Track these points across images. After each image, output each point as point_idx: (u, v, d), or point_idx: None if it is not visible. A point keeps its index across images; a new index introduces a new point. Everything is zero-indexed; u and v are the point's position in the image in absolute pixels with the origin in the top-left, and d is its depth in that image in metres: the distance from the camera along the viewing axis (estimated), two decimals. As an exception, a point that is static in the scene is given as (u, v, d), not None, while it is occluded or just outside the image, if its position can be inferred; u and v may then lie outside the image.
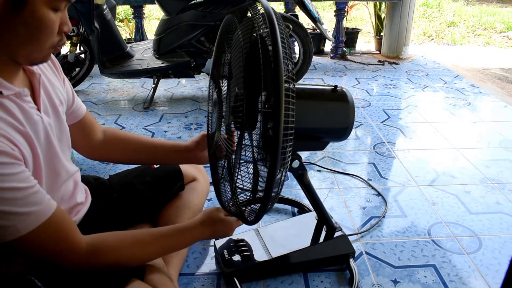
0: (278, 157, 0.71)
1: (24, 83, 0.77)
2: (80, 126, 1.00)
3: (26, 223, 0.66)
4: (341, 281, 1.15)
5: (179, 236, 0.92)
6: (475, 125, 2.23)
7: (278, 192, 0.80)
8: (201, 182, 1.28)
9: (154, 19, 5.82)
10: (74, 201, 0.93)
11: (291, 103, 0.72)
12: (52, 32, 0.69)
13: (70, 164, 0.91)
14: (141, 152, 1.09)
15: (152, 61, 2.51)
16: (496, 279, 1.17)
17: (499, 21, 5.71)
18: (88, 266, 0.77)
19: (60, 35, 0.72)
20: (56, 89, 0.87)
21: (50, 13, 0.67)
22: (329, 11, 6.29)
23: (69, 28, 0.73)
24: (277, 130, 0.69)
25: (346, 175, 1.71)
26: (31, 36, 0.68)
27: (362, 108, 2.46)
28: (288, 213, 1.47)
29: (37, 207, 0.67)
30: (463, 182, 1.66)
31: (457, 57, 3.79)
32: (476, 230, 1.37)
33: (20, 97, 0.73)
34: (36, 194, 0.68)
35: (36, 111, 0.76)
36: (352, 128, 1.00)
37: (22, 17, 0.65)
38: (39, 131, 0.76)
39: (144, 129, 2.17)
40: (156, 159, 1.11)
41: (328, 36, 2.75)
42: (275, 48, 0.69)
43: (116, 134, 1.10)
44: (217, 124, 0.95)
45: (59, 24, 0.71)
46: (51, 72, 0.88)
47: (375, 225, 1.39)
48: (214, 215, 0.97)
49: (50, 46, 0.72)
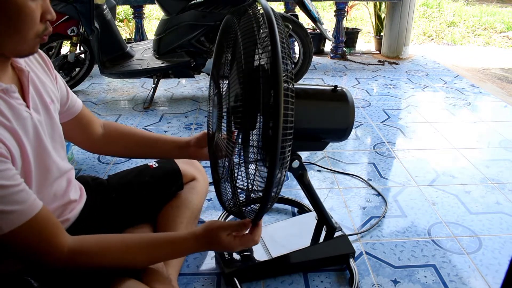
0: (277, 156, 0.71)
1: (12, 80, 0.77)
2: (78, 122, 1.00)
3: (9, 221, 0.66)
4: (341, 281, 1.15)
5: (170, 247, 0.87)
6: (475, 125, 2.23)
7: (277, 192, 0.80)
8: (200, 181, 1.28)
9: (154, 19, 5.82)
10: (67, 198, 0.93)
11: (290, 102, 0.72)
12: (33, 21, 0.69)
13: (63, 162, 0.90)
14: (141, 147, 1.09)
15: (152, 61, 2.51)
16: (496, 279, 1.17)
17: (499, 21, 5.71)
18: (68, 268, 0.76)
19: (44, 23, 0.72)
20: (47, 87, 0.87)
21: (27, 1, 0.67)
22: (329, 11, 6.29)
23: (52, 16, 0.72)
24: (276, 130, 0.69)
25: (346, 175, 1.71)
26: (11, 26, 0.67)
27: (362, 108, 2.46)
28: (288, 213, 1.47)
29: (21, 206, 0.67)
30: (463, 182, 1.66)
31: (457, 57, 3.79)
32: (476, 230, 1.37)
33: (8, 93, 0.73)
34: (21, 193, 0.68)
35: (25, 108, 0.76)
36: (352, 128, 1.00)
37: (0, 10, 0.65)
38: (27, 127, 0.76)
39: (144, 129, 2.16)
40: (157, 153, 1.11)
41: (328, 36, 2.75)
42: (274, 48, 0.69)
43: (117, 128, 1.10)
44: (217, 124, 0.95)
45: (42, 12, 0.70)
46: (41, 70, 0.87)
47: (375, 225, 1.39)
48: (213, 234, 0.87)
49: (35, 36, 0.71)
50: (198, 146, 1.09)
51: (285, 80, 0.71)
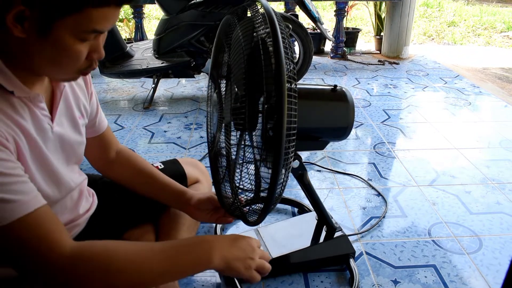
0: (281, 157, 0.70)
1: (45, 90, 0.76)
2: (97, 142, 1.00)
3: (8, 211, 0.62)
4: (341, 281, 1.15)
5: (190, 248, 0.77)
6: (475, 125, 2.23)
7: (280, 193, 0.80)
8: (204, 184, 1.28)
9: (154, 19, 5.82)
10: (77, 212, 0.93)
11: (293, 103, 0.71)
12: (77, 59, 0.68)
13: (76, 175, 0.90)
14: (145, 188, 1.07)
15: (152, 61, 2.50)
16: (497, 279, 1.16)
17: (499, 21, 5.70)
18: (73, 270, 0.66)
19: (90, 60, 0.71)
20: (80, 102, 0.86)
21: (76, 43, 0.66)
22: (329, 11, 6.28)
23: (99, 55, 0.71)
24: (280, 130, 0.69)
25: (346, 175, 1.71)
26: (56, 60, 0.67)
27: (362, 108, 2.45)
28: (288, 213, 1.47)
29: (23, 197, 0.64)
30: (463, 182, 1.66)
31: (457, 57, 3.78)
32: (476, 230, 1.37)
33: (34, 101, 0.72)
34: (24, 184, 0.65)
35: (48, 120, 0.76)
36: (352, 127, 1.00)
37: (47, 42, 0.64)
38: (46, 138, 0.75)
39: (144, 129, 2.16)
40: (158, 198, 1.08)
41: (328, 36, 2.75)
42: (277, 47, 0.69)
43: (129, 160, 1.06)
44: (217, 125, 0.95)
45: (89, 51, 0.69)
46: (78, 84, 0.87)
47: (375, 225, 1.39)
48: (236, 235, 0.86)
49: (77, 71, 0.71)
50: (197, 207, 1.05)
51: (287, 80, 0.70)
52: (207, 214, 1.05)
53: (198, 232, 1.33)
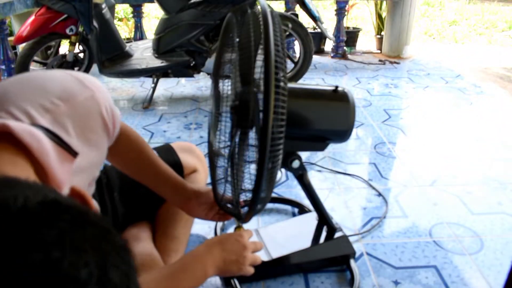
0: (266, 155, 0.70)
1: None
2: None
3: None
4: (341, 281, 1.14)
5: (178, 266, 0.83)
6: (477, 124, 2.22)
7: (267, 194, 0.80)
8: (201, 173, 1.25)
9: (154, 18, 5.81)
10: None
11: (281, 100, 0.71)
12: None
13: (91, 188, 0.84)
14: (145, 177, 1.02)
15: (152, 61, 2.49)
16: (498, 280, 1.15)
17: (501, 20, 5.69)
18: None
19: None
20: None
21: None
22: (329, 10, 6.27)
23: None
24: (266, 127, 0.69)
25: (347, 175, 1.70)
26: None
27: (363, 108, 2.44)
28: (288, 213, 1.46)
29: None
30: (464, 182, 1.65)
31: (458, 56, 3.77)
32: (477, 230, 1.36)
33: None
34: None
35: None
36: (353, 130, 0.99)
37: None
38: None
39: (144, 129, 2.16)
40: (156, 190, 1.03)
41: (328, 35, 2.74)
42: (267, 43, 0.69)
43: (129, 141, 0.97)
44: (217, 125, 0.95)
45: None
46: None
47: (376, 225, 1.38)
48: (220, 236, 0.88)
49: None
50: (194, 202, 1.02)
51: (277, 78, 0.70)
52: (203, 211, 1.04)
53: (200, 230, 1.32)
